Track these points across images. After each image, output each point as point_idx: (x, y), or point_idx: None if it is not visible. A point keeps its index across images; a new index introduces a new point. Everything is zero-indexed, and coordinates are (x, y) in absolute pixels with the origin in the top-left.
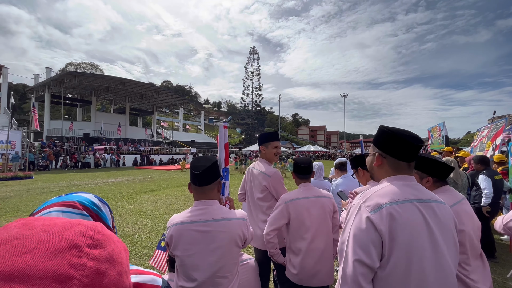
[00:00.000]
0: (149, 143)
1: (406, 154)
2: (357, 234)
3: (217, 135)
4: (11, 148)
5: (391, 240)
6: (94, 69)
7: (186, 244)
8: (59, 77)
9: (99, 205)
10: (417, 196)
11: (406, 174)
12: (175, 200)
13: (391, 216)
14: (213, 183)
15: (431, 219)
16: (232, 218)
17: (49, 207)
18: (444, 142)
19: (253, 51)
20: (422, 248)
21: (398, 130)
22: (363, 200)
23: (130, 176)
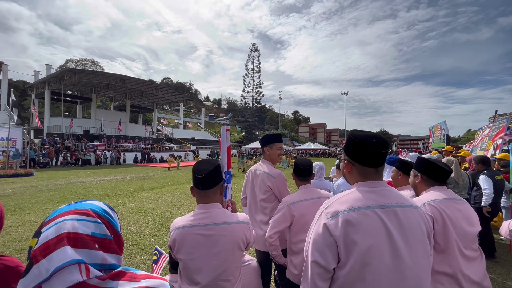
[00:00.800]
0: (150, 140)
1: (371, 161)
2: (315, 239)
3: (219, 138)
4: (12, 145)
5: (348, 244)
6: (94, 66)
7: (189, 248)
8: (59, 74)
9: (110, 213)
10: (379, 202)
11: (374, 180)
12: (176, 198)
13: (347, 222)
14: (216, 187)
15: (392, 224)
16: (235, 222)
17: (62, 215)
18: (445, 141)
19: (254, 48)
20: (379, 252)
21: (364, 138)
22: (326, 206)
23: (131, 173)
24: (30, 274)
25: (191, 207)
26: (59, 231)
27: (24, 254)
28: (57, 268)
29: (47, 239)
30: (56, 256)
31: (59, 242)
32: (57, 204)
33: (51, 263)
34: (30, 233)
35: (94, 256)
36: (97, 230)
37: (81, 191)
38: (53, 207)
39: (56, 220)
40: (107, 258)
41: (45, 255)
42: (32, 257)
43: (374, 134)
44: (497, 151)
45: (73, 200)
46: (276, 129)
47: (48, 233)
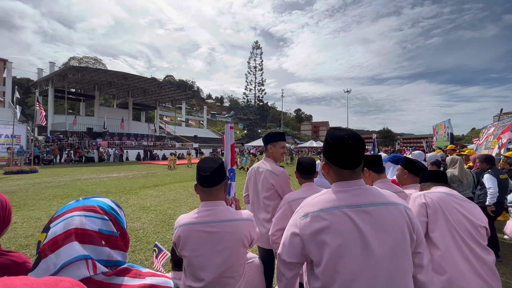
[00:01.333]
0: (152, 138)
1: (347, 163)
2: (286, 235)
3: (223, 136)
4: (16, 142)
5: (318, 245)
6: (97, 64)
7: (193, 245)
8: (62, 72)
9: (116, 210)
10: (349, 202)
11: (350, 180)
12: (178, 196)
13: (315, 222)
14: (220, 184)
15: (363, 223)
16: (239, 219)
17: (70, 211)
18: (449, 140)
19: (256, 46)
20: (350, 251)
21: (340, 139)
22: (301, 206)
23: (134, 170)
24: (38, 268)
25: (194, 205)
26: (68, 226)
27: (29, 250)
28: (65, 263)
29: (56, 234)
30: (64, 251)
31: (67, 237)
32: (61, 201)
33: (59, 258)
34: (35, 229)
35: (100, 252)
36: (104, 227)
37: (85, 188)
38: (57, 204)
39: (64, 216)
40: (113, 255)
41: (54, 250)
42: (40, 251)
43: (351, 134)
44: (502, 150)
45: (80, 197)
46: (278, 127)
47: (57, 228)
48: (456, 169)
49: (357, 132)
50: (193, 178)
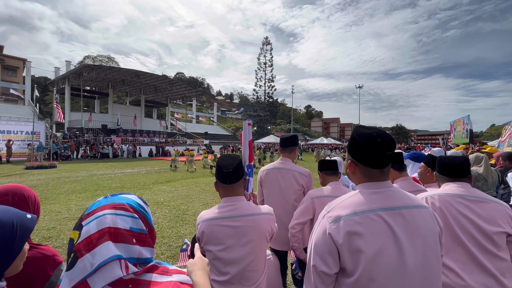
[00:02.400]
0: (164, 134)
1: (376, 162)
2: (316, 243)
3: (241, 133)
4: (36, 138)
5: (353, 252)
6: (110, 62)
7: (218, 239)
8: (78, 70)
9: (144, 207)
10: (384, 204)
11: (379, 181)
12: (191, 192)
13: (349, 228)
14: (240, 180)
15: (398, 227)
16: (260, 213)
17: (101, 209)
18: (468, 136)
19: (266, 42)
20: (387, 258)
21: (368, 137)
22: (328, 210)
23: (147, 166)
24: (75, 267)
25: (206, 200)
26: (101, 225)
27: (51, 242)
28: (101, 264)
29: (90, 233)
30: (100, 251)
31: (102, 237)
32: (79, 195)
33: (95, 258)
34: (56, 222)
35: (132, 251)
36: (134, 225)
37: (101, 183)
38: (76, 198)
39: (96, 214)
40: (142, 252)
41: (89, 249)
42: (76, 250)
43: (380, 132)
44: None
45: (108, 194)
46: (288, 124)
47: (90, 227)
48: (481, 167)
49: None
50: (204, 175)
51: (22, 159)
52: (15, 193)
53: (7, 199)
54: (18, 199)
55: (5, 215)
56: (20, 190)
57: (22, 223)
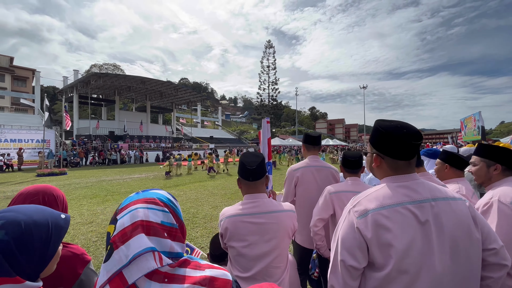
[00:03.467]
0: (170, 139)
1: (403, 153)
2: (344, 238)
3: (259, 131)
4: (46, 146)
5: (383, 247)
6: (116, 70)
7: (241, 235)
8: (85, 79)
9: (174, 202)
10: (412, 197)
11: (406, 173)
12: (199, 195)
13: (377, 222)
14: (263, 177)
15: (428, 220)
16: (283, 210)
17: (134, 203)
18: (480, 133)
19: (269, 45)
20: (417, 251)
21: (394, 128)
22: (353, 204)
23: (154, 171)
24: (111, 259)
25: (215, 203)
26: (134, 219)
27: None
28: (136, 255)
29: (124, 226)
30: (134, 243)
31: (135, 229)
32: (90, 201)
33: (129, 249)
34: (70, 227)
35: (164, 244)
36: (165, 219)
37: (110, 188)
38: (87, 203)
39: (129, 208)
40: (174, 246)
41: (124, 241)
42: (112, 242)
43: (403, 123)
44: None
45: (140, 190)
46: (293, 126)
47: (124, 220)
48: None
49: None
50: (211, 178)
51: (33, 166)
52: (45, 193)
53: (38, 198)
54: (48, 199)
55: (40, 215)
56: (49, 190)
57: (57, 223)
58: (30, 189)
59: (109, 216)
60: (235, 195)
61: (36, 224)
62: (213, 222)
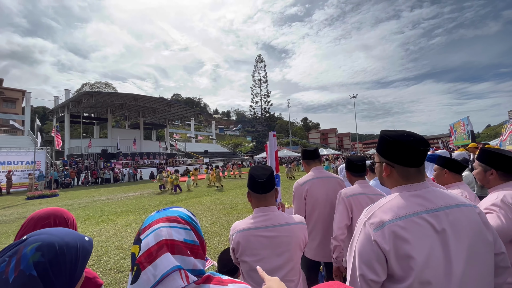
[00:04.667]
0: (164, 155)
1: (413, 160)
2: (361, 251)
3: (266, 144)
4: (37, 167)
5: (402, 259)
6: (108, 88)
7: (254, 250)
8: (77, 98)
9: (194, 219)
10: (426, 207)
11: (416, 181)
12: (197, 211)
13: (395, 233)
14: (273, 190)
15: (444, 228)
16: (294, 223)
17: (156, 222)
18: (470, 137)
19: (259, 59)
20: (436, 261)
21: (400, 136)
22: (368, 216)
23: (149, 189)
24: (140, 280)
25: (214, 219)
26: (158, 238)
27: None
28: (164, 275)
29: (149, 246)
30: (161, 262)
31: (160, 249)
32: (84, 222)
33: (157, 269)
34: None
35: (187, 262)
36: (188, 236)
37: (105, 208)
38: (81, 225)
39: (152, 227)
40: (197, 264)
41: (150, 261)
42: (138, 263)
43: (409, 132)
44: None
45: (160, 208)
46: (287, 137)
47: (148, 240)
48: None
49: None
50: (208, 193)
51: (22, 189)
52: (56, 216)
53: (49, 222)
54: (59, 222)
55: (70, 237)
56: (60, 213)
57: (84, 246)
58: (40, 213)
59: (104, 237)
60: (233, 209)
61: (68, 246)
62: (214, 238)
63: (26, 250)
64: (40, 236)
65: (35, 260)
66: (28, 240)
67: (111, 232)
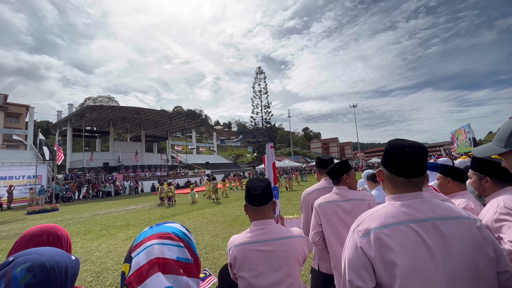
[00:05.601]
0: (165, 168)
1: (400, 169)
2: (350, 258)
3: (263, 156)
4: (38, 182)
5: (387, 266)
6: (110, 101)
7: (251, 265)
8: (80, 112)
9: (188, 235)
10: (414, 216)
11: (406, 191)
12: (198, 224)
13: (380, 241)
14: (269, 203)
15: (433, 240)
16: (292, 236)
17: (148, 239)
18: (472, 145)
19: (259, 71)
20: (423, 273)
21: (395, 145)
22: (357, 224)
23: (150, 202)
24: None
25: (215, 232)
26: (149, 256)
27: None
28: None
29: (140, 265)
30: (151, 283)
31: (151, 268)
32: (84, 237)
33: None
34: None
35: (180, 282)
36: (181, 254)
37: (105, 222)
38: (80, 241)
39: (144, 245)
40: (190, 284)
41: (140, 282)
42: (127, 284)
43: (412, 142)
44: None
45: (154, 224)
46: (288, 147)
47: (139, 258)
48: None
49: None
50: (209, 206)
51: (23, 204)
52: (49, 233)
53: (42, 239)
54: (53, 239)
55: (60, 257)
56: (54, 230)
57: (72, 266)
58: (33, 230)
59: (104, 252)
60: (235, 221)
61: (58, 266)
62: (215, 252)
63: (15, 271)
64: (29, 257)
65: (26, 281)
66: (16, 261)
67: (111, 247)
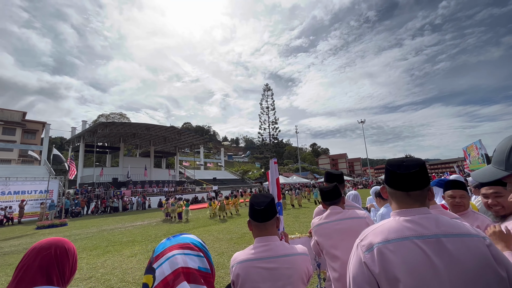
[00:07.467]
0: (173, 183)
1: (398, 183)
2: (353, 273)
3: (267, 171)
4: (49, 197)
5: (391, 281)
6: (122, 118)
7: (254, 282)
8: (93, 128)
9: (205, 246)
10: (418, 232)
11: (412, 207)
12: (204, 241)
13: (383, 256)
14: (273, 219)
15: (437, 257)
16: (296, 254)
17: (169, 250)
18: (485, 161)
19: (267, 88)
20: (426, 286)
21: (393, 161)
22: (361, 238)
23: (156, 218)
24: None
25: (221, 249)
26: (174, 266)
27: None
28: None
29: (165, 275)
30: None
31: (177, 277)
32: (90, 253)
33: None
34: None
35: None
36: (201, 264)
37: (112, 238)
38: (86, 256)
39: (166, 255)
40: None
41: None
42: None
43: (410, 158)
44: None
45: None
46: (296, 163)
47: (163, 268)
48: None
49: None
50: (215, 223)
51: (33, 218)
52: (57, 246)
53: (50, 252)
54: (60, 252)
55: None
56: (61, 243)
57: None
58: (42, 243)
59: (109, 269)
60: (241, 239)
61: None
62: (221, 270)
63: None
64: None
65: None
66: None
67: (116, 264)
